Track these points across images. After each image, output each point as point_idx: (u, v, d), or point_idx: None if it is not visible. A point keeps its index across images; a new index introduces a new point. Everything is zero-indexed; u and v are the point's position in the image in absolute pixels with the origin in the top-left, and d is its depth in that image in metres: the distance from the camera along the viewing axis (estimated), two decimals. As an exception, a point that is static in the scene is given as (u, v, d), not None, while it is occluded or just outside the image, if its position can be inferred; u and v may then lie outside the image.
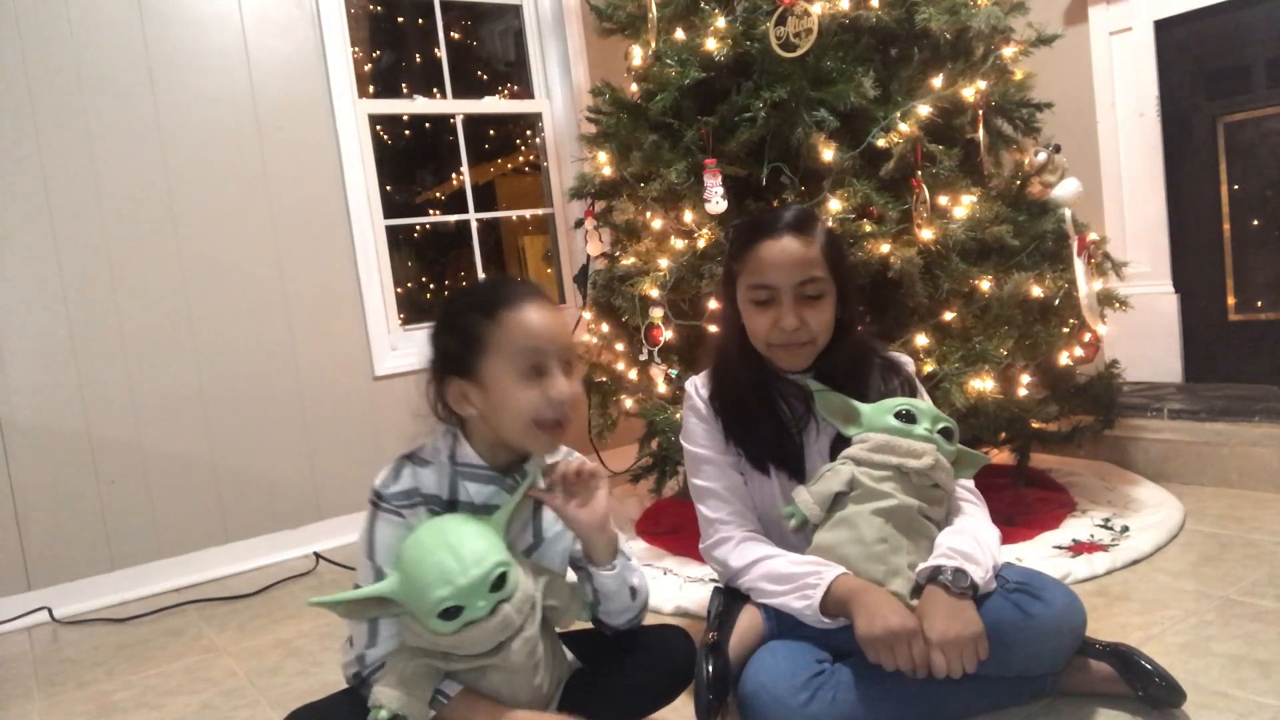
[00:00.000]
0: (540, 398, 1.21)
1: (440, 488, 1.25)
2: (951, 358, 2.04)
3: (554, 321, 1.25)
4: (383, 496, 1.23)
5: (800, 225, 1.47)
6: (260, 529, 2.78)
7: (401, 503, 1.23)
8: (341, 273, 2.94)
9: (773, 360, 1.50)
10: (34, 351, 2.50)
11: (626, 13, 2.52)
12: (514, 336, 1.21)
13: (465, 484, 1.26)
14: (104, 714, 1.82)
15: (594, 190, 2.61)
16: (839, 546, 1.39)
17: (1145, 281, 2.93)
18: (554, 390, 1.21)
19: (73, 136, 2.53)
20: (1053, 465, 2.68)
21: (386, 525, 1.22)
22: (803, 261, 1.44)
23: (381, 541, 1.22)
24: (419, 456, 1.27)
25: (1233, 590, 1.76)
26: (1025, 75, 2.30)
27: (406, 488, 1.23)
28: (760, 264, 1.46)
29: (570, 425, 1.24)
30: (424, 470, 1.25)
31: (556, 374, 1.22)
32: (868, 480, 1.40)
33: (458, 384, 1.24)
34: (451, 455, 1.27)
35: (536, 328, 1.22)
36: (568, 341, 1.26)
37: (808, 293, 1.44)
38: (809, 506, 1.43)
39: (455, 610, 1.13)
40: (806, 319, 1.44)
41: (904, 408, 1.45)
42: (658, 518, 2.64)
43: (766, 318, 1.46)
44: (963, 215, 2.07)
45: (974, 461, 1.50)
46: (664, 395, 2.34)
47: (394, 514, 1.22)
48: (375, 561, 1.22)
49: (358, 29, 3.15)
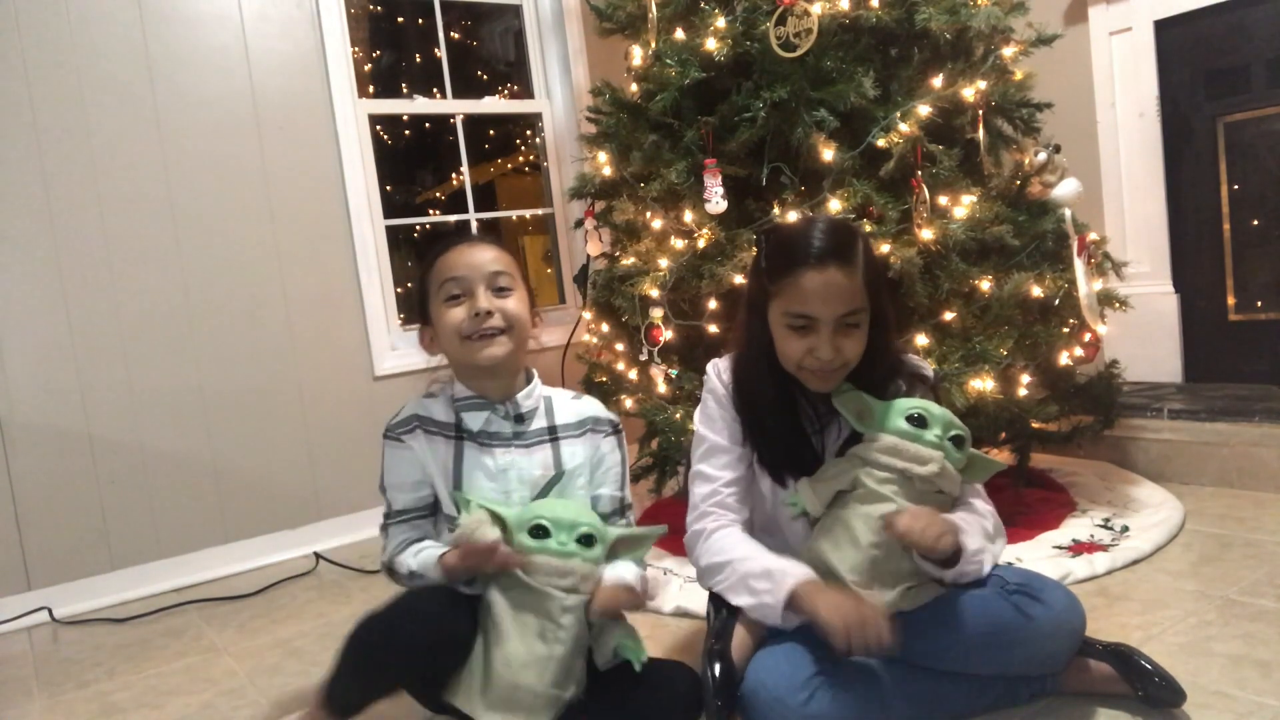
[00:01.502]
0: (462, 314, 1.41)
1: (448, 415, 1.46)
2: (951, 358, 2.04)
3: (476, 251, 1.45)
4: (389, 428, 1.46)
5: (844, 253, 1.38)
6: (260, 529, 2.78)
7: (401, 430, 1.45)
8: (341, 273, 2.94)
9: (804, 382, 1.46)
10: (34, 351, 2.50)
11: (626, 13, 2.52)
12: (440, 272, 1.44)
13: (464, 414, 1.46)
14: (104, 714, 1.82)
15: (594, 190, 2.61)
16: (835, 549, 1.38)
17: (1145, 281, 2.94)
18: (475, 305, 1.41)
19: (73, 136, 2.53)
20: (1053, 465, 2.68)
21: (391, 452, 1.45)
22: (847, 294, 1.38)
23: (388, 467, 1.46)
24: (429, 392, 1.50)
25: (1233, 590, 1.76)
26: (1025, 75, 2.30)
27: (407, 416, 1.45)
28: (803, 295, 1.38)
29: (508, 335, 1.42)
30: (432, 401, 1.47)
31: (479, 293, 1.41)
32: (871, 481, 1.39)
33: (424, 330, 1.50)
34: (451, 395, 1.48)
35: (455, 258, 1.44)
36: (493, 266, 1.43)
37: (847, 322, 1.40)
38: (810, 501, 1.43)
39: (541, 530, 1.32)
40: (842, 348, 1.40)
41: (917, 410, 1.42)
42: (658, 518, 2.63)
43: (802, 345, 1.40)
44: (963, 215, 2.07)
45: (987, 468, 1.46)
46: (664, 395, 2.34)
47: (395, 440, 1.45)
48: (386, 487, 1.46)
49: (358, 29, 3.15)
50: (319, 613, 2.29)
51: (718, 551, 1.44)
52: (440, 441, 1.44)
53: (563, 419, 1.50)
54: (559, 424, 1.50)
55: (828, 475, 1.44)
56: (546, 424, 1.49)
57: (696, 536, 1.49)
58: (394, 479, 1.46)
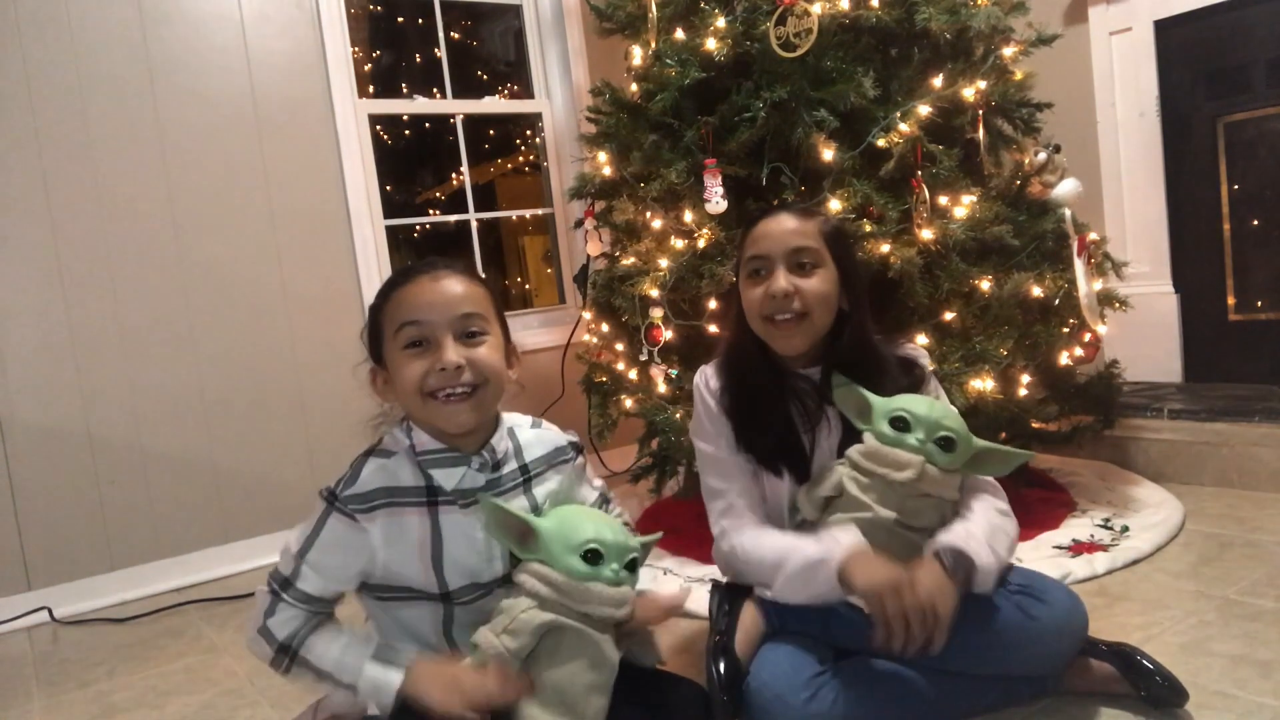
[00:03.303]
0: (424, 368, 1.17)
1: (414, 477, 1.20)
2: (951, 358, 2.04)
3: (441, 287, 1.19)
4: (337, 496, 1.17)
5: (799, 209, 1.50)
6: (260, 529, 2.78)
7: (359, 507, 1.16)
8: (341, 273, 2.94)
9: (770, 342, 1.46)
10: (34, 351, 2.50)
11: (626, 13, 2.52)
12: (397, 313, 1.19)
13: (433, 472, 1.21)
14: (104, 714, 1.82)
15: (594, 190, 2.61)
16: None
17: (1145, 281, 2.94)
18: (440, 359, 1.16)
19: (73, 136, 2.53)
20: (1053, 465, 2.68)
21: (333, 526, 1.17)
22: (796, 231, 1.43)
23: (325, 540, 1.17)
24: (381, 449, 1.22)
25: (1233, 590, 1.76)
26: (1025, 75, 2.30)
27: (371, 489, 1.17)
28: (755, 238, 1.46)
29: (480, 392, 1.19)
30: (391, 461, 1.20)
31: (445, 344, 1.17)
32: (853, 488, 1.37)
33: (376, 372, 1.25)
34: (411, 445, 1.22)
35: (415, 300, 1.19)
36: (463, 308, 1.19)
37: (801, 260, 1.42)
38: (806, 508, 1.43)
39: (596, 555, 1.15)
40: (800, 288, 1.40)
41: (901, 413, 1.38)
42: (658, 518, 2.64)
43: (760, 289, 1.43)
44: (963, 215, 2.07)
45: (1007, 460, 1.40)
46: (664, 395, 2.33)
47: (346, 517, 1.17)
48: (304, 560, 1.17)
49: (358, 29, 3.15)
50: (319, 613, 2.28)
51: (755, 561, 1.41)
52: (411, 515, 1.19)
53: (531, 455, 1.30)
54: (529, 461, 1.30)
55: (818, 482, 1.43)
56: (518, 464, 1.29)
57: (729, 557, 1.47)
58: (320, 558, 1.17)
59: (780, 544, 1.39)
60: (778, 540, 1.40)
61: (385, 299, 1.22)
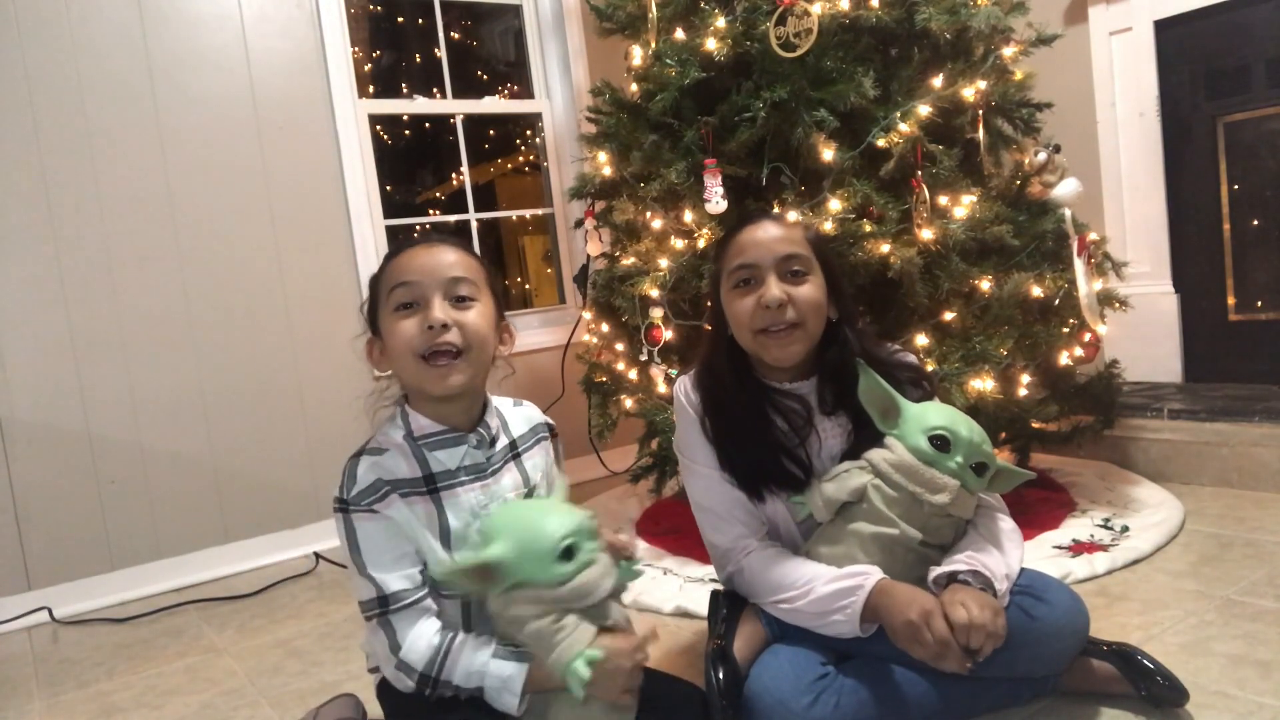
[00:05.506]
0: (414, 328, 1.20)
1: (411, 468, 1.22)
2: (951, 358, 2.04)
3: (435, 254, 1.23)
4: (348, 501, 1.19)
5: (781, 218, 1.49)
6: (260, 529, 2.78)
7: (370, 498, 1.18)
8: (341, 273, 2.94)
9: (762, 355, 1.42)
10: (34, 351, 2.50)
11: (626, 13, 2.52)
12: (390, 277, 1.23)
13: (433, 455, 1.23)
14: (104, 714, 1.82)
15: (594, 190, 2.61)
16: (836, 562, 1.36)
17: (1145, 281, 2.94)
18: (428, 317, 1.19)
19: (73, 136, 2.53)
20: (1053, 465, 2.68)
21: (362, 527, 1.19)
22: (785, 239, 1.41)
23: (366, 542, 1.18)
24: (370, 449, 1.24)
25: (1233, 590, 1.76)
26: (1025, 75, 2.30)
27: (369, 482, 1.19)
28: (740, 246, 1.42)
29: (466, 357, 1.21)
30: (383, 457, 1.22)
31: (434, 303, 1.20)
32: (878, 499, 1.34)
33: (372, 342, 1.28)
34: (408, 432, 1.24)
35: (407, 263, 1.23)
36: (453, 272, 1.22)
37: (791, 268, 1.39)
38: (818, 509, 1.39)
39: (572, 550, 1.15)
40: (792, 295, 1.37)
41: (943, 432, 1.33)
42: (658, 518, 2.64)
43: (750, 299, 1.39)
44: (963, 215, 2.07)
45: (1012, 478, 1.41)
46: (664, 395, 2.34)
47: (366, 511, 1.18)
48: (371, 570, 1.18)
49: (358, 29, 3.15)
50: (319, 613, 2.28)
51: (768, 590, 1.39)
52: (417, 505, 1.21)
53: (518, 431, 1.34)
54: (516, 437, 1.33)
55: (839, 479, 1.38)
56: (507, 440, 1.32)
57: (735, 579, 1.46)
58: (377, 558, 1.18)
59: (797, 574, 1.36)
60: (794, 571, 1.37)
61: (382, 269, 1.27)
